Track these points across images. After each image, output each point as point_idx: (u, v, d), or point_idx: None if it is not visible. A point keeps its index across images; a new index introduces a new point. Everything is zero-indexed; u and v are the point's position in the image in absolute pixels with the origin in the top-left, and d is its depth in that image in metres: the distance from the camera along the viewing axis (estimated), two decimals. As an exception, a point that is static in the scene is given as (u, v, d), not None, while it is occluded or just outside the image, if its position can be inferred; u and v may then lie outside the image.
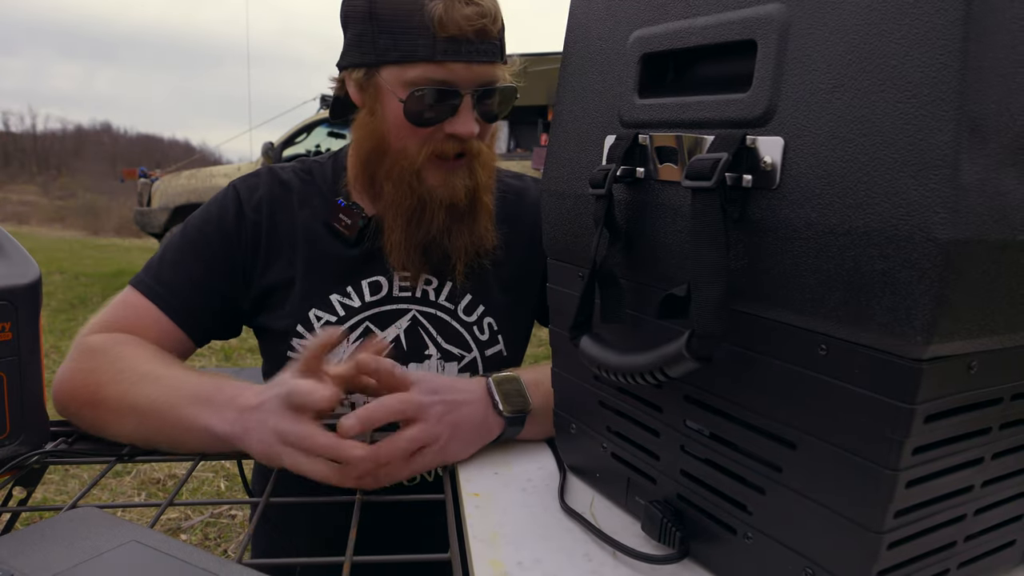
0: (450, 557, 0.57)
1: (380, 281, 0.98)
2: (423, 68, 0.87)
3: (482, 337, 1.00)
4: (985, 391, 0.44)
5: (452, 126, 0.89)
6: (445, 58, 0.86)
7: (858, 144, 0.40)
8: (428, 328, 0.99)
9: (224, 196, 0.99)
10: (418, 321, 0.98)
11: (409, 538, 0.92)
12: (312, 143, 6.70)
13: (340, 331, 0.75)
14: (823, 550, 0.46)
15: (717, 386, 0.52)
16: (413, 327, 0.98)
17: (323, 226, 0.98)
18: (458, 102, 0.89)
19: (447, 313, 1.00)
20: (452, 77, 0.88)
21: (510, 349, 1.03)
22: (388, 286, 0.98)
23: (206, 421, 0.72)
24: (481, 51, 0.88)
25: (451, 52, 0.86)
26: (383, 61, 0.89)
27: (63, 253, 9.18)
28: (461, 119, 0.89)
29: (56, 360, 3.76)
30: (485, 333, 1.01)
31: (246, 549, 0.57)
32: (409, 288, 0.99)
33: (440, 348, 0.98)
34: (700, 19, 0.50)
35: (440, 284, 1.00)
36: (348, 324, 0.96)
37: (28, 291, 0.68)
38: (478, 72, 0.89)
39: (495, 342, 1.01)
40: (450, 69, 0.87)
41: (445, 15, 0.84)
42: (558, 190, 0.65)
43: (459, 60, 0.87)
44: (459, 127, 0.89)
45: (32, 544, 0.51)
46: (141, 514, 2.26)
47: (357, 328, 0.97)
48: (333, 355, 0.94)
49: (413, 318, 0.98)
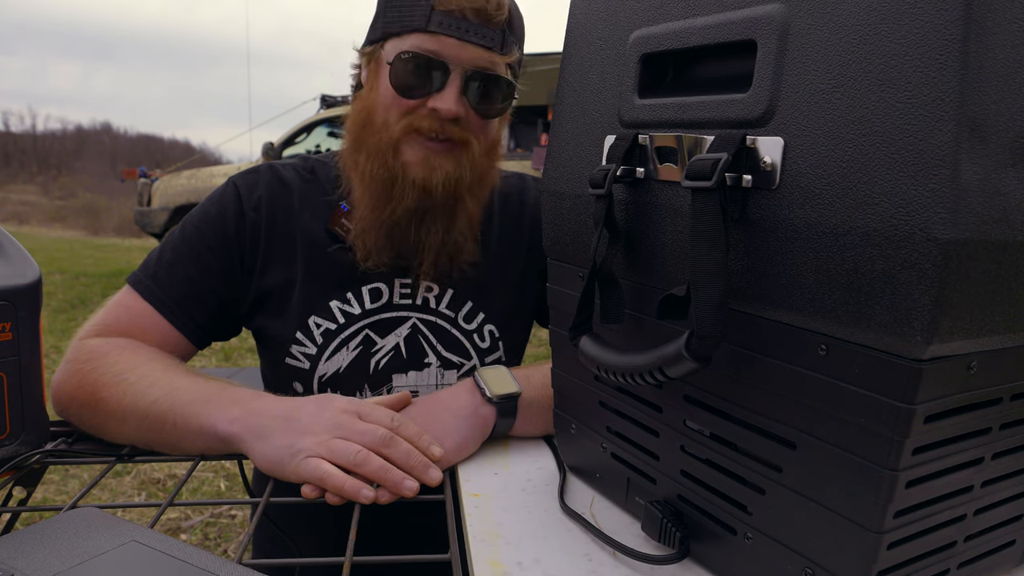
0: (450, 557, 0.57)
1: (380, 288, 0.97)
2: (416, 38, 0.87)
3: (482, 344, 1.00)
4: (985, 391, 0.44)
5: (435, 101, 0.88)
6: (438, 30, 0.86)
7: (858, 144, 0.40)
8: (428, 336, 0.98)
9: (223, 194, 0.97)
10: (418, 329, 0.98)
11: (409, 538, 0.92)
12: (312, 143, 6.71)
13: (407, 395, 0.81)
14: (823, 550, 0.46)
15: (717, 386, 0.52)
16: (413, 335, 0.98)
17: (324, 230, 0.97)
18: (445, 78, 0.88)
19: (447, 321, 0.99)
20: (442, 50, 0.87)
21: (510, 355, 1.03)
22: (388, 293, 0.98)
23: (209, 421, 0.72)
24: (477, 32, 0.87)
25: (445, 25, 0.86)
26: (387, 34, 0.89)
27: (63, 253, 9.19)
28: (445, 96, 0.87)
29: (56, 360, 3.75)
30: (486, 340, 1.00)
31: (246, 549, 0.57)
32: (409, 295, 0.98)
33: (440, 356, 0.98)
34: (700, 19, 0.50)
35: (441, 292, 0.99)
36: (348, 331, 0.96)
37: (28, 291, 0.68)
38: (472, 53, 0.87)
39: (495, 349, 1.01)
40: (441, 42, 0.86)
41: None
42: (558, 190, 0.65)
43: (451, 35, 0.86)
44: (441, 103, 0.87)
45: (32, 544, 0.51)
46: (141, 514, 2.26)
47: (357, 336, 0.96)
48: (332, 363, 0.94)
49: (413, 326, 0.98)
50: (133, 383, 0.77)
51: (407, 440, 0.70)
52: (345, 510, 0.65)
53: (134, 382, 0.77)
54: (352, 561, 0.55)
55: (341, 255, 0.96)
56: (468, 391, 0.80)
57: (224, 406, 0.72)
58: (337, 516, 0.67)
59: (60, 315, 5.21)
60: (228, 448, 0.72)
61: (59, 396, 0.82)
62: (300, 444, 0.67)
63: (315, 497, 0.66)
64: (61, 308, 5.50)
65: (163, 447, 0.75)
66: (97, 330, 0.89)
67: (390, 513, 0.69)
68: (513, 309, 1.03)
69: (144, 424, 0.75)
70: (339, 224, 0.96)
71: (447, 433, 0.75)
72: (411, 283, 0.98)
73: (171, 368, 0.81)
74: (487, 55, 0.89)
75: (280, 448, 0.68)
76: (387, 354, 0.97)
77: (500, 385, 0.80)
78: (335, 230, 0.96)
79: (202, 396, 0.74)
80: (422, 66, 0.87)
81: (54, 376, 0.84)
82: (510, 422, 0.80)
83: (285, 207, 0.97)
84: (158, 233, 6.64)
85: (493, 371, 0.82)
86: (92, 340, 0.86)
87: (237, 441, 0.70)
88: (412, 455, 0.69)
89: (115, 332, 0.89)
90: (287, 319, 0.95)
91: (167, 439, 0.74)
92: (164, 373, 0.79)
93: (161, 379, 0.77)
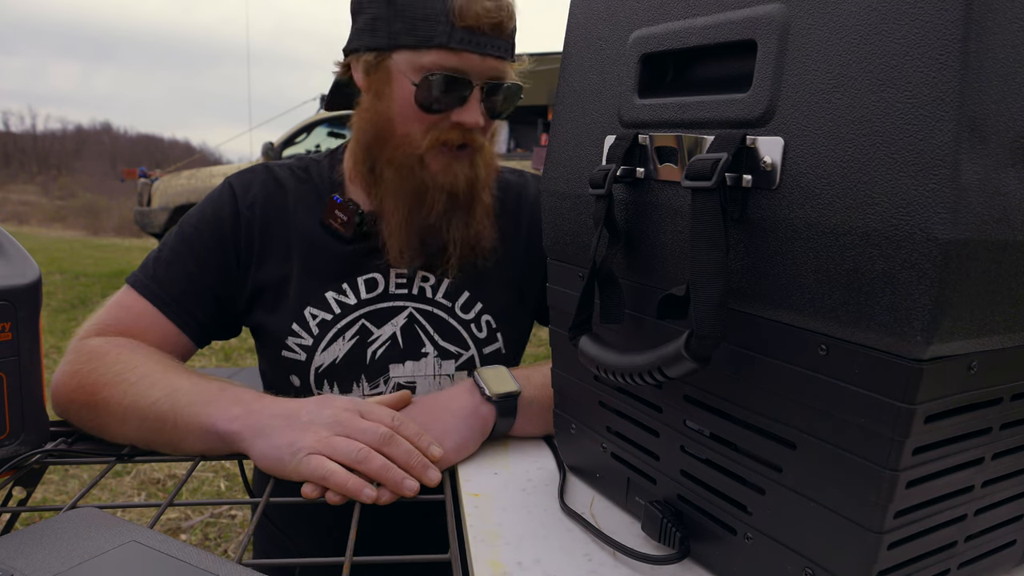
0: (450, 557, 0.57)
1: (376, 278, 0.98)
2: (437, 55, 0.88)
3: (480, 335, 1.00)
4: (985, 391, 0.44)
5: (459, 115, 0.90)
6: (460, 47, 0.87)
7: (858, 144, 0.40)
8: (425, 326, 0.98)
9: (219, 194, 0.99)
10: (415, 318, 0.98)
11: (409, 538, 0.92)
12: (312, 143, 6.71)
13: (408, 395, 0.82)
14: (823, 550, 0.46)
15: (717, 386, 0.52)
16: (410, 324, 0.98)
17: (319, 226, 0.98)
18: (468, 93, 0.90)
19: (444, 310, 0.99)
20: (465, 67, 0.88)
21: (509, 347, 1.03)
22: (384, 283, 0.98)
23: (209, 420, 0.72)
24: (495, 45, 0.89)
25: (466, 42, 0.87)
26: (396, 45, 0.89)
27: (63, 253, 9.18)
28: (469, 109, 0.90)
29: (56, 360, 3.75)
30: (483, 331, 1.01)
31: (246, 549, 0.57)
32: (406, 285, 0.99)
33: (437, 346, 0.98)
34: (700, 19, 0.50)
35: (437, 282, 1.00)
36: (344, 321, 0.96)
37: (28, 291, 0.68)
38: (490, 65, 0.90)
39: (493, 340, 1.01)
40: (464, 59, 0.88)
41: (465, 5, 0.85)
42: (558, 190, 0.65)
43: (473, 51, 0.88)
44: (466, 116, 0.90)
45: (32, 544, 0.51)
46: (141, 514, 2.26)
47: (353, 326, 0.96)
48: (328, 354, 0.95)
49: (410, 315, 0.98)
50: (134, 383, 0.77)
51: (407, 439, 0.71)
52: (345, 510, 0.65)
53: (135, 382, 0.77)
54: (352, 561, 0.55)
55: (336, 247, 0.97)
56: (467, 391, 0.80)
57: (225, 406, 0.72)
58: (337, 516, 0.67)
59: (60, 315, 5.21)
60: (229, 447, 0.72)
61: (59, 396, 0.82)
62: (301, 442, 0.67)
63: (315, 497, 0.66)
64: (61, 308, 5.50)
65: (164, 447, 0.75)
66: (97, 330, 0.89)
67: (390, 513, 0.69)
68: (512, 301, 1.04)
69: (145, 424, 0.75)
70: (333, 216, 0.97)
71: (447, 433, 0.75)
72: (407, 273, 0.99)
73: (171, 368, 0.81)
74: (501, 65, 0.91)
75: (281, 446, 0.68)
76: (384, 344, 0.97)
77: (500, 384, 0.80)
78: (329, 223, 0.97)
79: (203, 396, 0.74)
80: (449, 83, 0.89)
81: (54, 376, 0.84)
82: (510, 422, 0.80)
83: (279, 206, 0.99)
84: (158, 233, 6.63)
85: (492, 370, 0.82)
86: (92, 340, 0.86)
87: (238, 440, 0.71)
88: (412, 455, 0.69)
89: (115, 332, 0.89)
90: (283, 312, 0.96)
91: (168, 439, 0.74)
92: (164, 374, 0.79)
93: (162, 379, 0.77)
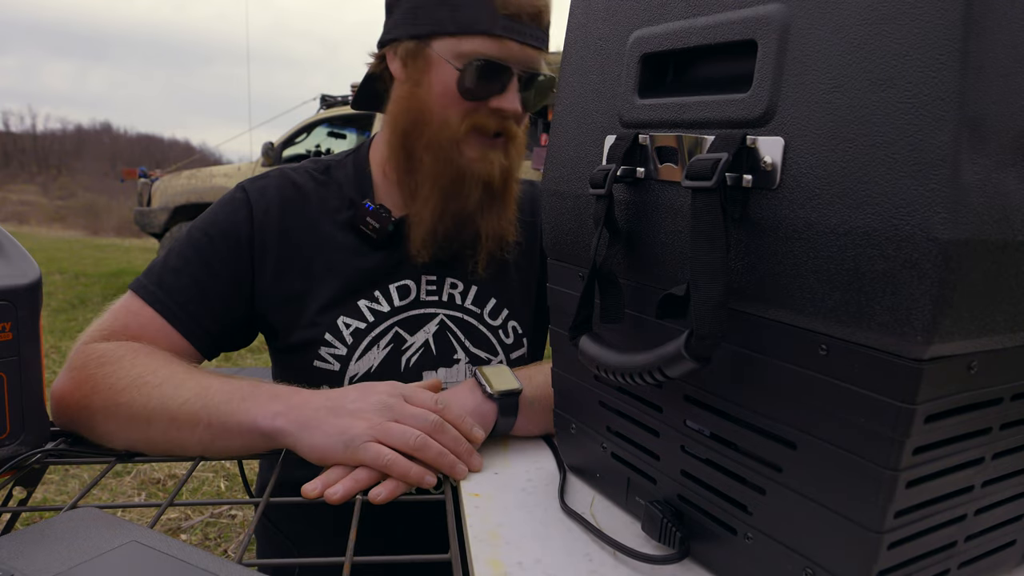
0: (450, 557, 0.57)
1: (408, 285, 0.97)
2: (480, 41, 0.88)
3: (507, 341, 1.00)
4: (985, 391, 0.44)
5: (499, 101, 0.90)
6: (503, 34, 0.88)
7: (858, 144, 0.40)
8: (456, 332, 0.98)
9: (232, 200, 0.95)
10: (446, 325, 0.98)
11: (409, 538, 0.92)
12: (312, 143, 6.70)
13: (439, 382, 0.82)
14: (823, 550, 0.46)
15: (717, 386, 0.52)
16: (441, 331, 0.97)
17: (346, 230, 0.96)
18: (508, 80, 0.90)
19: (474, 317, 0.99)
20: (506, 54, 0.89)
21: (532, 354, 1.03)
22: (416, 290, 0.97)
23: (248, 417, 0.70)
24: (534, 35, 0.90)
25: (508, 29, 0.88)
26: (437, 32, 0.90)
27: (63, 253, 9.19)
28: (508, 96, 0.90)
29: (56, 360, 3.76)
30: (510, 336, 1.01)
31: (246, 549, 0.57)
32: (435, 292, 0.98)
33: (468, 352, 0.98)
34: (700, 19, 0.50)
35: (465, 288, 0.99)
36: (378, 329, 0.95)
37: (28, 291, 0.68)
38: (529, 55, 0.90)
39: (520, 345, 1.01)
40: (505, 46, 0.88)
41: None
42: (558, 190, 0.65)
43: (514, 39, 0.88)
44: (506, 103, 0.90)
45: (32, 544, 0.51)
46: (141, 514, 2.26)
47: (387, 334, 0.95)
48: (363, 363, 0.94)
49: (441, 322, 0.97)
50: (157, 385, 0.75)
51: (450, 423, 0.72)
52: (345, 510, 0.65)
53: (158, 384, 0.75)
54: (352, 561, 0.55)
55: (367, 253, 0.96)
56: (469, 389, 0.80)
57: (263, 402, 0.71)
58: (337, 516, 0.67)
59: (60, 315, 5.22)
60: (271, 444, 0.71)
61: (66, 403, 0.78)
62: (353, 430, 0.67)
63: (316, 497, 0.66)
64: (61, 308, 5.50)
65: (192, 449, 0.73)
66: (103, 335, 0.85)
67: (390, 513, 0.69)
68: (533, 309, 1.04)
69: (173, 425, 0.72)
70: (364, 223, 0.95)
71: None
72: (436, 280, 0.98)
73: (194, 369, 0.79)
74: (538, 55, 0.92)
75: (331, 435, 0.67)
76: (417, 351, 0.96)
77: (501, 382, 0.80)
78: (361, 229, 0.95)
79: (237, 394, 0.73)
80: (492, 70, 0.89)
81: (55, 383, 0.80)
82: (511, 420, 0.80)
83: (299, 212, 0.96)
84: (158, 233, 6.63)
85: (494, 369, 0.82)
86: (99, 345, 0.83)
87: (282, 435, 0.70)
88: (460, 441, 0.71)
89: (123, 338, 0.85)
90: (311, 322, 0.93)
91: (199, 439, 0.72)
92: (189, 374, 0.77)
93: (187, 380, 0.75)
